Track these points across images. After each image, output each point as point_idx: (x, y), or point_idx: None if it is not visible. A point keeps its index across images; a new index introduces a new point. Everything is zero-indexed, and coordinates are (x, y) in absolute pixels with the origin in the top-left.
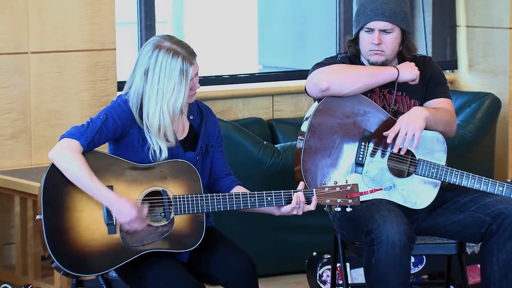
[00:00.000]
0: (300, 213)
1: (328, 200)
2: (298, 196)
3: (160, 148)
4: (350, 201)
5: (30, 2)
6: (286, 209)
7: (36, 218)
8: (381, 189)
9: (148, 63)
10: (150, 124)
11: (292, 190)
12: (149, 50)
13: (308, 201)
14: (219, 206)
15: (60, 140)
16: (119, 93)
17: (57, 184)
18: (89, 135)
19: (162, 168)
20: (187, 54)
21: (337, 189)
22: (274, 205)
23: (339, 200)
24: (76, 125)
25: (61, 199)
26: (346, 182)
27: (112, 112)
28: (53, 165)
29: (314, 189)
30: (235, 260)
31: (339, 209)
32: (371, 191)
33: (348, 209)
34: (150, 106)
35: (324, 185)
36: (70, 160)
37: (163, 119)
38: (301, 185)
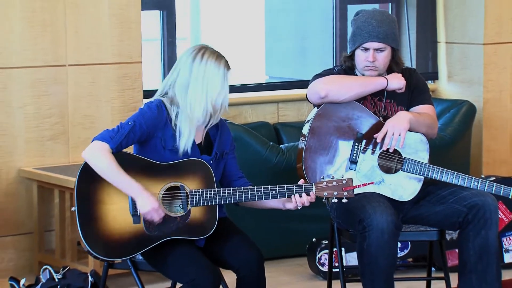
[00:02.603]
0: (299, 205)
1: (326, 193)
2: (294, 198)
3: (189, 132)
4: (345, 193)
5: (68, 21)
6: (289, 206)
7: (72, 209)
8: (373, 183)
9: (193, 59)
10: (193, 114)
11: (294, 185)
12: (194, 50)
13: (309, 194)
14: (229, 198)
15: (92, 141)
16: (145, 100)
17: (89, 180)
18: (117, 140)
19: (180, 166)
20: (226, 61)
21: (334, 183)
22: (278, 197)
23: (335, 193)
24: (108, 129)
25: (93, 194)
26: (342, 177)
27: (139, 118)
28: (85, 164)
29: (313, 184)
30: (246, 250)
31: (336, 200)
32: (364, 185)
33: (344, 200)
34: (195, 97)
35: (323, 179)
36: (100, 159)
37: (207, 110)
38: (301, 182)
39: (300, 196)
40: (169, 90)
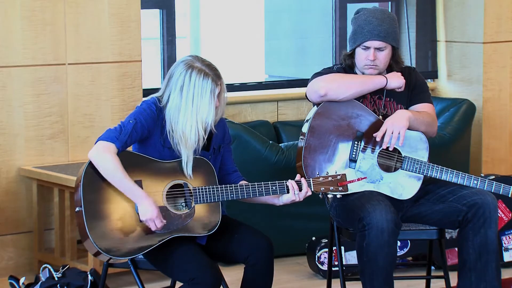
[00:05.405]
0: (297, 199)
1: (323, 188)
2: (292, 184)
3: (187, 157)
4: (340, 188)
5: (68, 20)
6: (287, 197)
7: (76, 210)
8: (365, 177)
9: (182, 81)
10: (186, 137)
11: (291, 180)
12: (183, 69)
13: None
14: (232, 195)
15: (97, 142)
16: (144, 99)
17: (94, 179)
18: (122, 139)
19: (182, 164)
20: (215, 76)
21: (330, 178)
22: (278, 193)
23: (331, 188)
24: (110, 129)
25: (98, 192)
26: (336, 173)
27: (139, 116)
28: (89, 164)
29: (311, 179)
30: (254, 238)
31: (331, 195)
32: (358, 179)
33: (338, 196)
34: (186, 121)
35: (318, 175)
36: (107, 161)
37: (199, 133)
38: (298, 177)
39: (300, 190)
40: (164, 99)
